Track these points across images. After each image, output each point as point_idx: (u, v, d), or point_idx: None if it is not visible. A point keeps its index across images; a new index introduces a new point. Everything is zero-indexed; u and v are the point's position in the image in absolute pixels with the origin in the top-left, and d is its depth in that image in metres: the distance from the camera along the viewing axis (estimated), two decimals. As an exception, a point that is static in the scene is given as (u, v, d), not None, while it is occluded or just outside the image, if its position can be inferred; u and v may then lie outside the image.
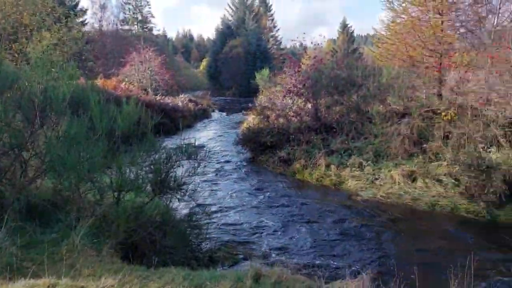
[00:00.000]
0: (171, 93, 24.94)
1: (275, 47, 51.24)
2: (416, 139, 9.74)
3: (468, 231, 6.62)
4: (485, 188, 7.21)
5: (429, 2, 11.28)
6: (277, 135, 12.26)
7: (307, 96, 12.61)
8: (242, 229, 6.82)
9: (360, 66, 11.93)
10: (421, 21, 11.81)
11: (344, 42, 45.52)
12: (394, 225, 6.95)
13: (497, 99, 8.99)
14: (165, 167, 5.16)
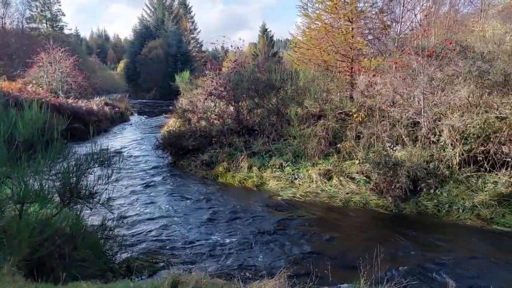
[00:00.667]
0: (85, 96, 23.53)
1: (196, 49, 50.78)
2: (331, 139, 10.23)
3: (378, 224, 7.10)
4: (392, 184, 7.77)
5: (340, 10, 11.96)
6: (199, 138, 12.13)
7: (229, 98, 12.65)
8: (163, 236, 6.60)
9: (278, 70, 12.24)
10: (333, 27, 12.49)
11: (265, 46, 46.56)
12: (311, 222, 7.20)
13: (401, 101, 9.79)
14: (74, 175, 4.80)
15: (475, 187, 7.57)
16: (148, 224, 7.14)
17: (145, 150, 13.91)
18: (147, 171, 11.21)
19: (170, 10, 49.49)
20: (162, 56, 43.00)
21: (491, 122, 8.04)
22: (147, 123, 23.00)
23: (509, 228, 6.60)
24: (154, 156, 12.69)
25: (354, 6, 11.87)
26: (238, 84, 12.22)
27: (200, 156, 11.37)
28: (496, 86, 8.63)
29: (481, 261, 5.54)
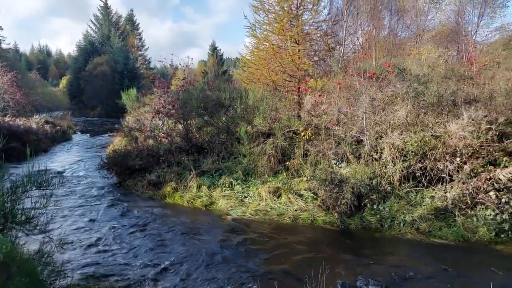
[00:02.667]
0: (23, 113, 22.25)
1: (144, 67, 49.96)
2: (280, 157, 10.39)
3: (325, 241, 7.24)
4: (338, 200, 8.00)
5: (287, 32, 12.34)
6: (147, 157, 11.84)
7: (177, 117, 12.51)
8: (104, 261, 6.30)
9: (228, 88, 12.33)
10: (281, 48, 12.84)
11: (214, 64, 46.82)
12: (260, 241, 7.21)
13: (345, 120, 10.19)
14: (9, 199, 4.50)
15: (414, 201, 7.99)
16: (90, 249, 6.80)
17: (89, 170, 13.33)
18: (90, 192, 10.72)
19: (116, 26, 48.47)
20: (108, 72, 41.81)
21: (427, 140, 8.56)
22: (91, 142, 22.11)
23: (446, 240, 7.00)
24: (98, 177, 12.19)
25: (300, 28, 12.31)
26: (187, 102, 12.15)
27: (147, 175, 11.08)
28: (431, 106, 9.25)
29: (421, 273, 5.80)
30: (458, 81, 10.18)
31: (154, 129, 12.79)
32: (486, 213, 7.28)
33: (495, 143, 8.15)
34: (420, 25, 18.79)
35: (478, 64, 11.67)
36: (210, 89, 12.84)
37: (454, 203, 7.57)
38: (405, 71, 10.59)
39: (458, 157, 8.17)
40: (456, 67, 11.29)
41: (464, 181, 7.87)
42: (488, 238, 6.93)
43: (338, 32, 14.28)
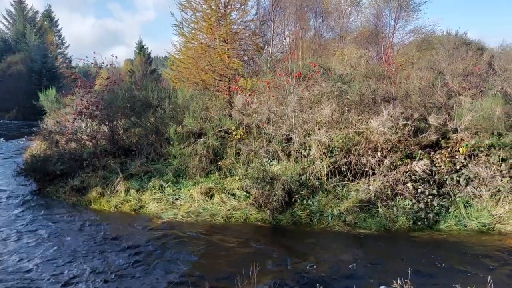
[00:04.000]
0: None
1: (65, 65, 46.93)
2: (212, 157, 10.32)
3: (257, 238, 7.31)
4: (270, 197, 8.13)
5: (215, 31, 12.30)
6: (69, 161, 11.13)
7: (102, 118, 11.90)
8: (21, 275, 5.80)
9: (156, 88, 11.97)
10: (210, 47, 12.76)
11: (142, 63, 45.32)
12: (192, 243, 7.09)
13: (275, 119, 10.38)
14: None
15: (341, 195, 8.37)
16: (2, 263, 6.22)
17: (2, 178, 12.21)
18: (4, 201, 9.82)
19: (32, 23, 45.04)
20: (24, 72, 38.68)
21: (351, 137, 9.02)
22: (5, 147, 20.28)
23: (370, 230, 7.43)
24: (14, 184, 11.20)
25: (228, 27, 12.33)
26: (112, 103, 11.59)
27: (70, 181, 10.40)
28: (354, 104, 9.74)
29: (347, 262, 6.09)
30: (378, 80, 10.84)
31: (77, 132, 12.05)
32: (404, 203, 7.84)
33: (411, 137, 8.80)
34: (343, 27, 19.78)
35: (395, 65, 12.53)
36: (137, 89, 12.37)
37: (376, 195, 8.05)
38: (330, 70, 11.06)
39: (379, 152, 8.70)
40: (376, 67, 12.03)
41: (385, 174, 8.40)
42: (407, 226, 7.47)
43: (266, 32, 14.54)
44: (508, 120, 8.47)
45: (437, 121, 8.81)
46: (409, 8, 19.53)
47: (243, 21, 13.17)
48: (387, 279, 5.25)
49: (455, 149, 8.55)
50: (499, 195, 7.71)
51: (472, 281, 4.78)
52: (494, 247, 6.60)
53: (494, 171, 7.95)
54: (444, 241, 6.97)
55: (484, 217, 7.49)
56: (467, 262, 6.09)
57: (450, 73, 9.93)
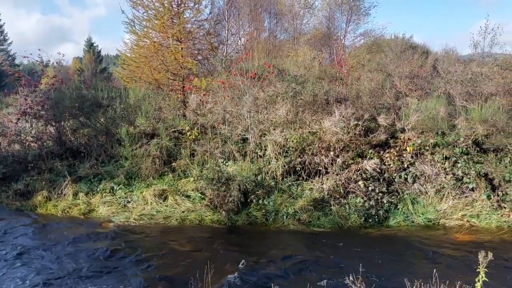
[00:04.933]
0: None
1: (7, 63, 44.17)
2: (166, 158, 10.09)
3: (213, 239, 7.23)
4: (226, 198, 8.07)
5: (168, 29, 12.06)
6: (12, 164, 10.51)
7: (48, 118, 11.29)
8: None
9: (106, 87, 11.54)
10: (163, 46, 12.48)
11: (91, 62, 43.59)
12: (146, 246, 6.89)
13: (230, 119, 10.34)
14: None
15: (296, 194, 8.48)
16: None
17: None
18: None
19: (-30, 16, 42.01)
20: (-39, 69, 36.05)
21: (305, 137, 9.16)
22: None
23: (323, 228, 7.58)
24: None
25: (182, 26, 12.13)
26: (59, 102, 11.03)
27: (13, 185, 9.80)
28: (308, 105, 9.90)
29: (301, 260, 6.16)
30: (330, 82, 11.10)
31: (21, 133, 11.34)
32: (356, 201, 8.07)
33: (362, 137, 9.08)
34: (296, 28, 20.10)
35: (347, 66, 12.89)
36: (86, 88, 11.86)
37: (329, 193, 8.23)
38: (284, 71, 11.18)
39: (332, 151, 8.90)
40: (329, 68, 12.31)
41: (337, 173, 8.60)
42: (358, 223, 7.69)
43: (221, 32, 14.45)
44: (450, 120, 8.94)
45: (386, 121, 9.14)
46: (359, 12, 20.23)
47: (197, 20, 13.02)
48: (340, 275, 5.38)
49: (403, 148, 8.92)
50: (443, 191, 8.13)
51: (419, 274, 4.99)
52: (439, 241, 6.95)
53: (439, 168, 8.37)
54: (394, 237, 7.24)
55: (430, 212, 7.87)
56: (414, 256, 6.36)
57: (398, 75, 10.34)
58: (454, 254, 6.35)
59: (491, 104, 8.42)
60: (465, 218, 7.71)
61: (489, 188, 7.93)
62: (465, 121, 8.58)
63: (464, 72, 10.10)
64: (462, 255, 6.25)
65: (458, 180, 8.14)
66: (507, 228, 7.36)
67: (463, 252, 6.38)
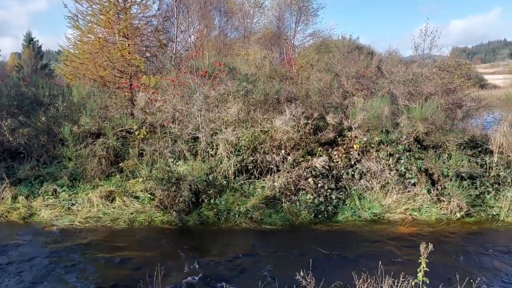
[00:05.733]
0: None
1: None
2: (113, 158, 9.72)
3: (163, 241, 7.06)
4: (176, 198, 7.92)
5: (114, 25, 11.62)
6: None
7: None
8: None
9: (47, 84, 10.90)
10: (108, 42, 12.01)
11: (31, 57, 41.08)
12: (91, 251, 6.58)
13: (180, 118, 10.16)
14: None
15: (248, 193, 8.49)
16: None
17: None
18: None
19: None
20: None
21: (257, 135, 9.20)
22: None
23: (275, 226, 7.65)
24: None
25: (129, 22, 11.73)
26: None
27: None
28: (259, 103, 9.96)
29: (253, 258, 6.19)
30: (281, 81, 11.24)
31: (-51, 133, 10.46)
32: (306, 198, 8.22)
33: (312, 135, 9.28)
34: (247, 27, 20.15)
35: (297, 66, 13.11)
36: (26, 85, 11.15)
37: (281, 191, 8.31)
38: (235, 70, 11.16)
39: (283, 149, 9.01)
40: (279, 68, 12.45)
41: (288, 171, 8.71)
42: (308, 219, 7.85)
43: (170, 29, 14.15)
44: (394, 119, 9.36)
45: (334, 120, 9.40)
46: (308, 13, 20.66)
47: (145, 16, 12.64)
48: (291, 271, 5.45)
49: (350, 146, 9.22)
50: (387, 186, 8.50)
51: (366, 267, 5.18)
52: (384, 235, 7.25)
53: (383, 165, 8.74)
54: (342, 232, 7.46)
55: (375, 207, 8.20)
56: (361, 250, 6.59)
57: (345, 75, 10.68)
58: (398, 246, 6.65)
59: (431, 103, 8.91)
60: (408, 211, 8.11)
61: (429, 182, 8.39)
62: (407, 120, 9.02)
63: (406, 73, 10.62)
64: (405, 247, 6.56)
65: (401, 176, 8.54)
66: (446, 220, 7.83)
67: (406, 244, 6.70)
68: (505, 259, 6.09)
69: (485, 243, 6.78)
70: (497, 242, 6.80)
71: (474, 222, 7.73)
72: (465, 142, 8.87)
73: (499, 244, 6.70)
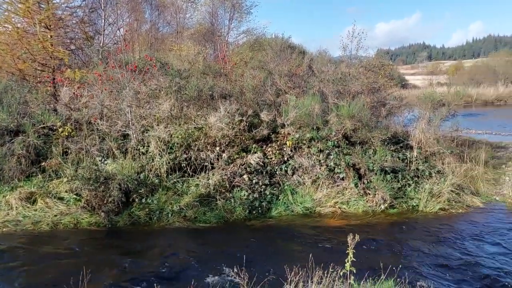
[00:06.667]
0: None
1: None
2: (34, 157, 9.03)
3: (90, 243, 6.71)
4: (105, 198, 7.55)
5: (35, 14, 10.79)
6: None
7: None
8: None
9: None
10: (28, 33, 11.13)
11: None
12: (10, 257, 6.06)
13: (109, 114, 9.68)
14: None
15: (181, 191, 8.32)
16: None
17: None
18: None
19: None
20: None
21: (191, 132, 9.05)
22: None
23: (209, 224, 7.58)
24: None
25: (51, 12, 10.93)
26: None
27: None
28: (193, 100, 9.79)
29: (187, 257, 6.08)
30: (215, 77, 11.14)
31: None
32: (241, 194, 8.25)
33: (246, 132, 9.33)
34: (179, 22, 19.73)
35: (231, 63, 13.08)
36: None
37: (215, 188, 8.26)
38: (168, 65, 10.87)
39: (217, 147, 8.95)
40: (213, 64, 12.33)
41: (223, 168, 8.68)
42: (243, 216, 7.88)
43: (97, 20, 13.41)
44: (324, 116, 9.70)
45: (268, 117, 9.53)
46: (241, 10, 20.71)
47: (69, 6, 11.87)
48: (224, 268, 5.43)
49: (283, 142, 9.41)
50: (318, 181, 8.80)
51: (298, 260, 5.30)
52: (315, 227, 7.49)
53: (314, 160, 9.03)
54: (276, 226, 7.59)
55: (307, 201, 8.45)
56: (294, 243, 6.75)
57: (278, 73, 10.86)
58: (328, 238, 6.91)
59: (357, 102, 9.35)
60: (337, 205, 8.46)
61: (356, 177, 8.82)
62: (336, 117, 9.39)
63: (335, 72, 11.05)
64: (335, 239, 6.83)
65: (331, 171, 8.88)
66: (372, 213, 8.28)
67: (336, 236, 6.98)
68: (423, 246, 6.57)
69: (406, 232, 7.27)
70: (416, 231, 7.32)
71: (397, 213, 8.25)
72: (388, 138, 9.44)
73: (418, 232, 7.22)
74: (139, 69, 9.82)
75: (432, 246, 6.54)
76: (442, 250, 6.35)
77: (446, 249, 6.41)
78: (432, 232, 7.19)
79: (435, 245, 6.56)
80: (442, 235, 7.03)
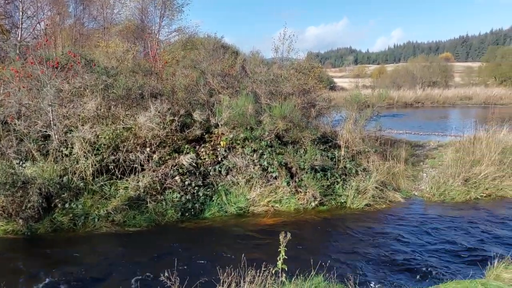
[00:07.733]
0: None
1: None
2: None
3: (7, 253, 6.17)
4: (23, 204, 6.97)
5: None
6: None
7: None
8: None
9: None
10: None
11: None
12: None
13: (28, 113, 8.96)
14: None
15: (109, 194, 7.93)
16: None
17: None
18: None
19: None
20: None
21: (119, 133, 8.66)
22: None
23: (139, 227, 7.31)
24: None
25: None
26: None
27: None
28: (121, 99, 9.37)
29: (114, 263, 5.80)
30: (145, 76, 10.76)
31: None
32: (173, 196, 8.06)
33: (178, 132, 9.13)
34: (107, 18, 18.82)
35: (162, 62, 12.73)
36: None
37: (146, 190, 7.99)
38: (93, 62, 10.31)
39: (148, 147, 8.66)
40: (143, 62, 11.93)
41: (154, 169, 8.42)
42: (175, 218, 7.71)
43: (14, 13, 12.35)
44: (257, 116, 9.79)
45: (201, 117, 9.42)
46: (173, 8, 20.27)
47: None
48: (155, 273, 5.26)
49: (217, 143, 9.35)
50: (252, 181, 8.86)
51: (231, 260, 5.30)
52: (248, 227, 7.54)
53: (248, 160, 9.08)
54: (209, 228, 7.52)
55: (241, 201, 8.47)
56: (227, 243, 6.73)
57: (211, 73, 10.76)
58: (261, 237, 6.98)
59: (289, 103, 9.57)
60: (270, 203, 8.59)
61: (289, 176, 9.02)
62: (269, 118, 9.52)
63: (268, 73, 11.21)
64: (268, 238, 6.92)
65: (264, 170, 9.00)
66: (303, 210, 8.51)
67: (268, 234, 7.07)
68: (351, 241, 6.89)
69: (335, 228, 7.58)
70: (344, 227, 7.66)
71: (326, 210, 8.57)
72: (318, 138, 9.77)
73: (346, 228, 7.56)
74: (62, 65, 9.20)
75: (358, 241, 6.88)
76: (368, 244, 6.71)
77: (372, 243, 6.78)
78: (358, 227, 7.56)
79: (361, 240, 6.91)
80: (368, 230, 7.42)
